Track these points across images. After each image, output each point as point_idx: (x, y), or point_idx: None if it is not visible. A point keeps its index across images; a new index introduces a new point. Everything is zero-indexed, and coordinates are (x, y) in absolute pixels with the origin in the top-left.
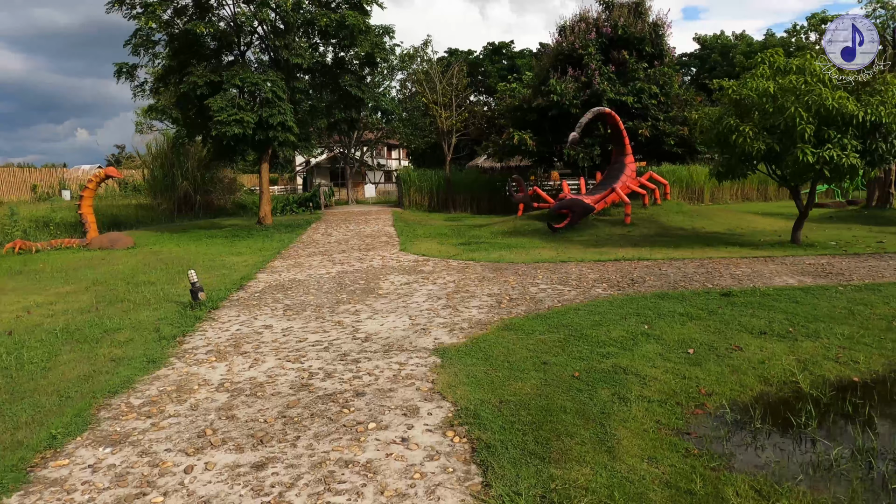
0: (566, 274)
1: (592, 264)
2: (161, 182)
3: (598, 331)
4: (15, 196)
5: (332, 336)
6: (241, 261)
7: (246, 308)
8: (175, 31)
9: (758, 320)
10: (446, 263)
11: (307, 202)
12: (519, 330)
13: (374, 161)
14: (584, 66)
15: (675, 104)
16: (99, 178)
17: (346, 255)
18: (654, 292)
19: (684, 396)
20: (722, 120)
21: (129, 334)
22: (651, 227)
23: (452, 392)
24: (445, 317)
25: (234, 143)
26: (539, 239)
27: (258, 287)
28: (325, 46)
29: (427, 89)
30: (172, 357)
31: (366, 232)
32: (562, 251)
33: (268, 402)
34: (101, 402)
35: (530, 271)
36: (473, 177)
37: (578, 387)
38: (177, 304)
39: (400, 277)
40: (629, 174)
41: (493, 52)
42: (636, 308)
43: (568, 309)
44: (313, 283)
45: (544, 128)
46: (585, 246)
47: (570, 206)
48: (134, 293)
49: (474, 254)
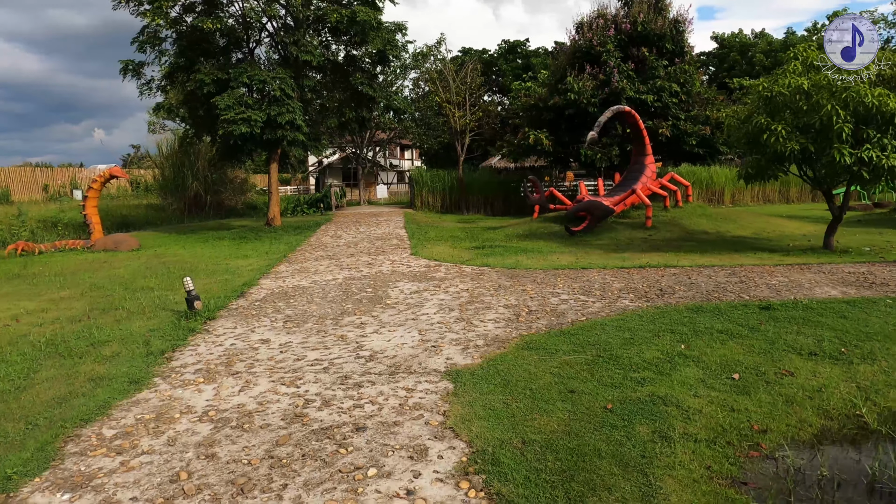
0: (588, 282)
1: (616, 272)
2: (171, 182)
3: (630, 351)
4: (27, 195)
5: (333, 353)
6: (246, 265)
7: (244, 319)
8: (183, 29)
9: (805, 338)
10: (459, 269)
11: (318, 203)
12: (540, 349)
13: (386, 161)
14: (602, 63)
15: (696, 103)
16: (104, 177)
17: (355, 259)
18: (687, 305)
19: (735, 434)
20: (751, 119)
21: (116, 348)
22: (673, 230)
23: (467, 428)
24: (458, 332)
25: (241, 142)
26: (556, 242)
27: (260, 295)
28: (336, 44)
29: (440, 88)
30: (157, 377)
31: (376, 234)
32: (581, 256)
33: (255, 438)
34: (70, 432)
35: (549, 279)
36: (487, 177)
37: (612, 422)
38: (173, 312)
39: (410, 285)
40: (649, 175)
41: (508, 50)
42: (669, 323)
43: (594, 324)
44: (318, 291)
45: (561, 127)
46: (606, 251)
47: (588, 208)
48: (130, 300)
49: (489, 259)
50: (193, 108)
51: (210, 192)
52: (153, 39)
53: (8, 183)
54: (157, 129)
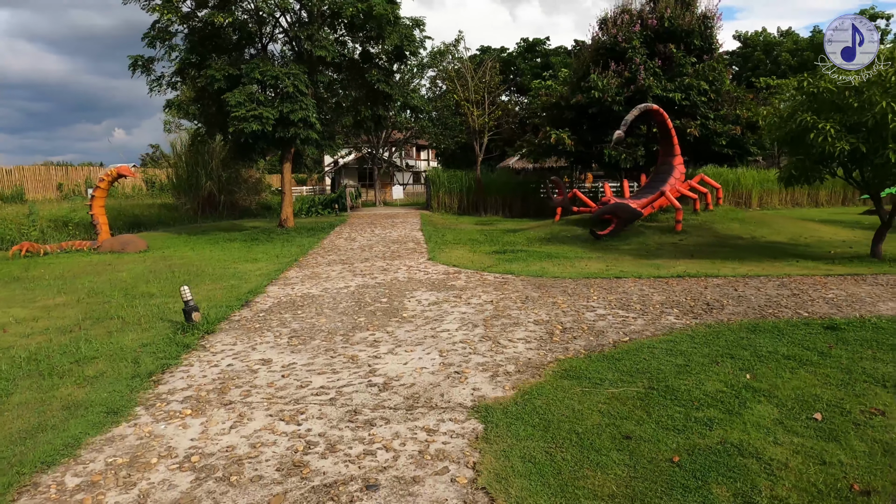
0: (625, 294)
1: (653, 282)
2: (185, 182)
3: (687, 381)
4: (41, 194)
5: (342, 379)
6: (255, 269)
7: (246, 333)
8: (195, 24)
9: (885, 366)
10: (481, 277)
11: (333, 204)
12: (582, 377)
13: (402, 161)
14: (627, 60)
15: (725, 102)
16: (111, 176)
17: (369, 264)
18: (741, 323)
19: (834, 497)
20: (794, 117)
21: (102, 366)
22: (705, 235)
23: (504, 490)
24: (485, 353)
25: (252, 140)
26: (581, 247)
27: (266, 304)
28: (352, 41)
29: (458, 86)
30: (140, 405)
31: (392, 237)
32: (611, 263)
33: (242, 496)
34: (27, 480)
35: (581, 289)
36: (505, 178)
37: (683, 481)
38: (170, 324)
39: (428, 294)
40: (678, 176)
41: (527, 49)
42: (726, 346)
43: (640, 346)
44: (328, 300)
45: (583, 126)
46: (636, 256)
47: (615, 211)
48: (128, 308)
49: (512, 265)
50: (205, 105)
51: (224, 191)
52: (163, 34)
53: (22, 181)
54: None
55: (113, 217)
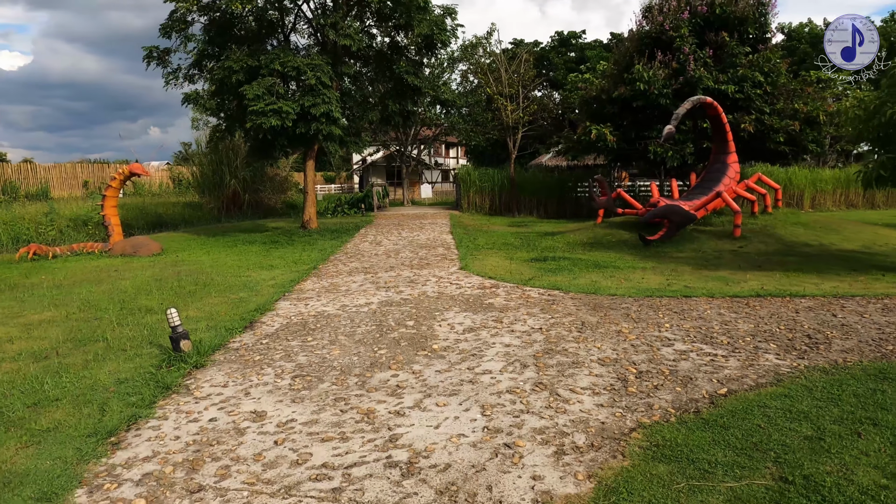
0: (702, 320)
1: (730, 302)
2: (210, 180)
3: (829, 466)
4: (66, 192)
5: (352, 452)
6: (269, 278)
7: (241, 369)
8: (214, 15)
9: None
10: (523, 293)
11: (359, 203)
12: (682, 459)
13: (431, 159)
14: (675, 50)
15: (781, 95)
16: (123, 175)
17: (395, 273)
18: (862, 366)
19: None
20: (882, 109)
21: (61, 414)
22: (768, 241)
23: None
24: (541, 412)
25: (271, 136)
26: (630, 254)
27: (273, 326)
28: (379, 30)
29: (491, 79)
30: (82, 487)
31: (420, 240)
32: (671, 276)
33: None
34: None
35: (647, 312)
36: (541, 177)
37: None
38: (160, 350)
39: (462, 317)
40: (732, 176)
41: (560, 43)
42: (858, 404)
43: (746, 403)
44: (345, 323)
45: (625, 121)
46: (695, 267)
47: (667, 213)
48: (117, 327)
49: (556, 277)
50: (225, 100)
51: (248, 190)
52: (179, 24)
53: (47, 179)
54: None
55: (135, 216)
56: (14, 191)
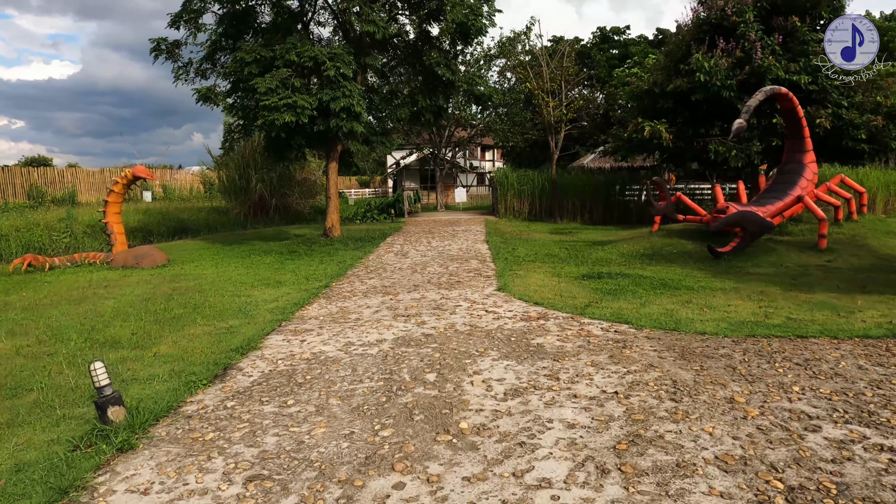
0: (842, 379)
1: (862, 346)
2: (235, 184)
3: None
4: (94, 196)
5: None
6: (272, 298)
7: (181, 457)
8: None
9: None
10: (581, 328)
11: (389, 208)
12: None
13: (465, 162)
14: (738, 37)
15: (859, 87)
16: (126, 179)
17: (418, 295)
18: None
19: None
20: None
21: None
22: (859, 254)
23: None
24: None
25: (284, 134)
26: (699, 269)
27: (249, 376)
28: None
29: (532, 74)
30: None
31: (451, 251)
32: (763, 301)
33: None
34: None
35: (758, 363)
36: (585, 179)
37: None
38: (95, 413)
39: (502, 368)
40: (810, 178)
41: (602, 39)
42: None
43: None
44: (344, 374)
45: (680, 117)
46: (784, 287)
47: (741, 221)
48: (65, 370)
49: (619, 302)
50: (241, 97)
51: (276, 194)
52: (189, 13)
53: (75, 183)
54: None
55: (157, 221)
56: (40, 196)
